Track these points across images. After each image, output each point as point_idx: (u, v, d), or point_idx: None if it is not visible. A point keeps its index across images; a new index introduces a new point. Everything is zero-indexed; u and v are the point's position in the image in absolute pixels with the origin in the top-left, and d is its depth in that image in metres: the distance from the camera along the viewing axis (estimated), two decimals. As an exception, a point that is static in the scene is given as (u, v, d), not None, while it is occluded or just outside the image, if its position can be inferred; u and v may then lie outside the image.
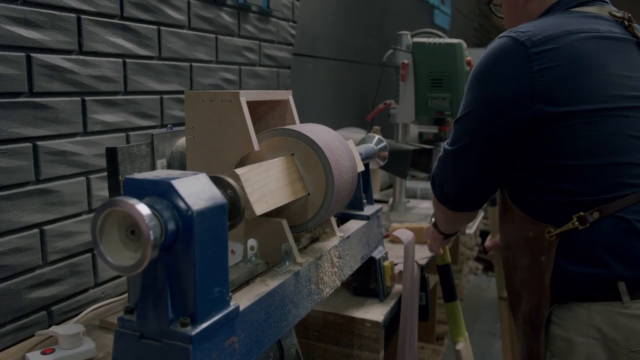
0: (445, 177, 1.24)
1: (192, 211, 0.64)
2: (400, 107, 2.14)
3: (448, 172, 1.23)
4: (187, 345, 0.66)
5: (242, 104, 0.96)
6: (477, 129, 1.14)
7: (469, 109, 1.14)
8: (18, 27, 1.17)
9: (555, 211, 1.07)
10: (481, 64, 1.14)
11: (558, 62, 1.05)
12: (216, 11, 1.81)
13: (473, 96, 1.14)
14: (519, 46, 1.08)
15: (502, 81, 1.09)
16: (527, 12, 1.27)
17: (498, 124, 1.11)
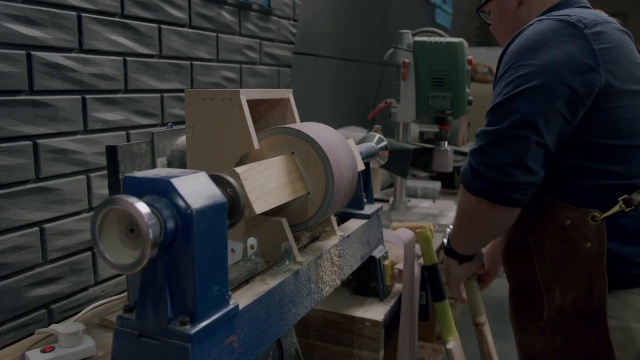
0: (493, 160, 1.07)
1: (191, 210, 0.64)
2: (401, 106, 2.13)
3: (496, 153, 1.06)
4: (186, 344, 0.66)
5: (243, 102, 0.95)
6: (543, 98, 1.05)
7: (530, 82, 1.06)
8: (18, 25, 1.16)
9: (601, 195, 1.08)
10: (532, 39, 1.09)
11: (611, 44, 1.08)
12: (217, 9, 1.80)
13: (534, 66, 1.07)
14: (572, 27, 1.08)
15: (569, 50, 1.06)
16: (518, 17, 1.30)
17: (571, 88, 1.05)
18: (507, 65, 1.11)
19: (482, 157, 1.08)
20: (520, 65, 1.08)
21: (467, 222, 1.22)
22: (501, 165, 1.05)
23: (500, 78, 1.13)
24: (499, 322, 3.34)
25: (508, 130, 1.05)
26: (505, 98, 1.07)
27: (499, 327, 3.29)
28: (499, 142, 1.06)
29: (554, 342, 1.19)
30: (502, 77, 1.12)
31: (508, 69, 1.10)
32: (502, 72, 1.12)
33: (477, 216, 1.16)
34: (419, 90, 2.09)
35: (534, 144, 1.04)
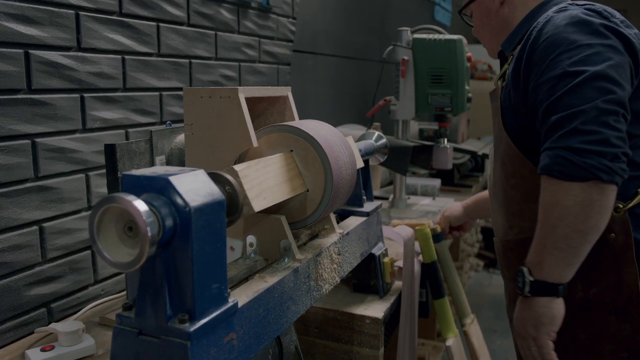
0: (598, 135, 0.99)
1: (189, 207, 0.64)
2: (400, 104, 2.13)
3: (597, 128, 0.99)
4: (185, 342, 0.66)
5: (241, 100, 0.95)
6: (621, 74, 1.04)
7: (605, 60, 1.04)
8: (16, 23, 1.16)
9: (622, 186, 1.05)
10: (575, 21, 1.09)
11: (634, 31, 1.12)
12: (215, 7, 1.80)
13: (597, 46, 1.05)
14: (599, 16, 1.10)
15: (617, 30, 1.08)
16: (501, 17, 1.31)
17: (632, 69, 1.08)
18: (554, 50, 1.07)
19: (583, 136, 0.98)
20: (579, 47, 1.05)
21: (572, 225, 1.02)
22: (608, 139, 0.98)
23: (548, 65, 1.07)
24: (499, 319, 3.35)
25: (601, 105, 1.00)
26: (584, 78, 1.01)
27: (499, 325, 3.29)
28: (596, 118, 0.99)
29: (577, 338, 1.17)
30: (552, 63, 1.07)
31: (560, 53, 1.06)
32: (551, 57, 1.07)
33: (586, 209, 1.00)
34: (419, 87, 2.09)
35: (622, 117, 1.02)
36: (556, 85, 1.04)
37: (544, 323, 1.08)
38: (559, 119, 1.02)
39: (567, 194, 1.00)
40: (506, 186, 1.24)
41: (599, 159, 0.98)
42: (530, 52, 1.12)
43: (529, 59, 1.13)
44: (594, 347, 1.16)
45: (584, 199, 0.99)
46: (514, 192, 1.22)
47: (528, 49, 1.13)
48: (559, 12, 1.14)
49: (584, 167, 0.97)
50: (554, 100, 1.03)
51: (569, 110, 1.01)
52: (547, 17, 1.14)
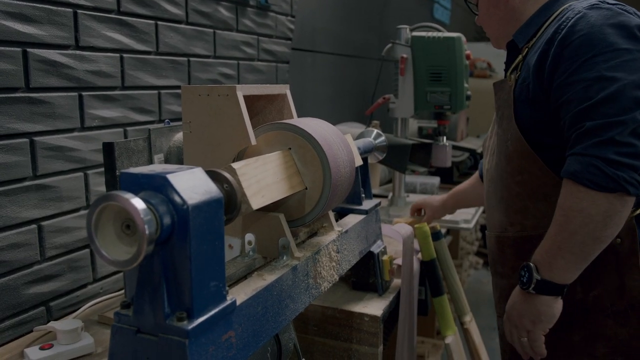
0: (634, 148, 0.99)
1: (187, 205, 0.64)
2: (399, 102, 2.13)
3: (634, 141, 0.99)
4: (184, 340, 0.66)
5: (239, 98, 0.95)
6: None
7: None
8: (14, 22, 1.16)
9: None
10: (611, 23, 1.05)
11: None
12: (214, 6, 1.80)
13: (636, 52, 1.04)
14: (637, 18, 1.08)
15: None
16: (511, 7, 1.25)
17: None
18: (589, 51, 1.04)
19: (620, 147, 0.98)
20: (616, 50, 1.02)
21: (591, 233, 1.02)
22: None
23: (582, 65, 1.04)
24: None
25: (639, 117, 0.99)
26: (622, 87, 1.00)
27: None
28: (633, 130, 0.98)
29: (571, 338, 1.18)
30: (586, 63, 1.04)
31: (596, 55, 1.03)
32: (585, 57, 1.04)
33: (607, 219, 1.01)
34: (417, 85, 2.09)
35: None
36: (590, 88, 1.02)
37: (543, 320, 1.10)
38: (595, 126, 1.00)
39: (593, 203, 1.00)
40: (510, 182, 1.21)
41: (631, 173, 0.98)
42: (559, 48, 1.08)
43: (558, 55, 1.08)
44: (587, 349, 1.17)
45: (608, 209, 1.00)
46: (520, 188, 1.19)
47: (557, 45, 1.08)
48: (592, 8, 1.08)
49: (616, 179, 0.97)
50: (591, 106, 1.01)
51: (606, 119, 0.99)
52: (578, 13, 1.08)
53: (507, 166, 1.23)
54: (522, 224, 1.21)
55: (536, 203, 1.17)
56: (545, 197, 1.16)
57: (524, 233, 1.21)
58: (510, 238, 1.24)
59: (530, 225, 1.19)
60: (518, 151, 1.19)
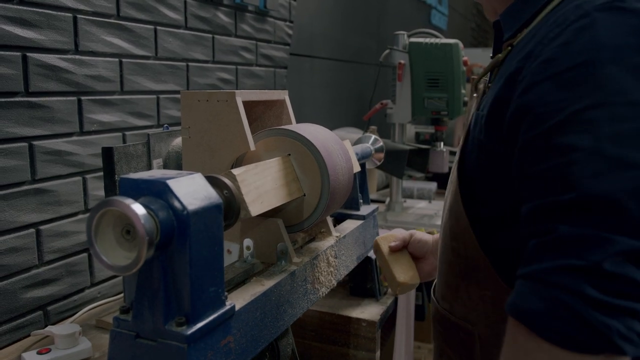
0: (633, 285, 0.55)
1: (187, 211, 0.64)
2: (396, 107, 2.14)
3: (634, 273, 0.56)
4: (183, 345, 0.66)
5: (238, 103, 0.96)
6: None
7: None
8: (14, 26, 1.16)
9: None
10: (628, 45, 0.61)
11: None
12: (213, 11, 1.81)
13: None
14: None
15: None
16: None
17: None
18: (584, 99, 0.60)
19: (608, 280, 0.55)
20: (635, 104, 0.59)
21: None
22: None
23: (565, 124, 0.61)
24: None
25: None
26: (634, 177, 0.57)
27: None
28: (633, 253, 0.56)
29: None
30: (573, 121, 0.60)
31: (594, 106, 0.60)
32: (574, 109, 0.61)
33: None
34: (415, 91, 2.10)
35: None
36: (576, 167, 0.59)
37: None
38: (573, 237, 0.57)
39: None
40: (447, 241, 0.85)
41: (628, 321, 0.55)
42: (538, 76, 0.65)
43: (532, 87, 0.65)
44: None
45: None
46: (453, 257, 0.83)
47: (535, 70, 0.65)
48: (609, 10, 0.63)
49: (604, 332, 0.55)
50: (573, 202, 0.58)
51: (595, 230, 0.57)
52: (584, 16, 0.64)
53: (447, 218, 0.85)
54: (451, 303, 0.86)
55: (467, 286, 0.81)
56: (477, 283, 0.79)
57: (451, 317, 0.85)
58: (439, 312, 0.89)
59: (458, 311, 0.84)
60: (454, 205, 0.82)
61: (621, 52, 0.61)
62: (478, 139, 0.77)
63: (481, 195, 0.78)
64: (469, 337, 0.81)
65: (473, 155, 0.79)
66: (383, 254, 1.14)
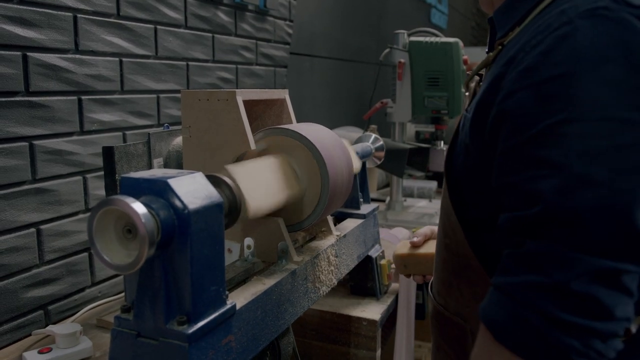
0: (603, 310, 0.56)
1: (188, 210, 0.64)
2: (397, 106, 2.14)
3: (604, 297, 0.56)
4: (184, 344, 0.66)
5: (239, 103, 0.96)
6: None
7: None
8: (14, 26, 1.16)
9: None
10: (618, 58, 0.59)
11: None
12: (213, 10, 1.81)
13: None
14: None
15: None
16: None
17: None
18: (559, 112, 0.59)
19: (572, 299, 0.56)
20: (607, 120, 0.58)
21: None
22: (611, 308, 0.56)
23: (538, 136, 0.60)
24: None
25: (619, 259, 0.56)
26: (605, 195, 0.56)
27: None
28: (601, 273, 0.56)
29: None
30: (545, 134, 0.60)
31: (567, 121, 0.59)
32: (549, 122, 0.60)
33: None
34: (415, 90, 2.10)
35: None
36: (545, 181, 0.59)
37: None
38: (540, 253, 0.59)
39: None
40: (442, 237, 0.87)
41: (588, 339, 0.56)
42: (517, 84, 0.64)
43: (510, 95, 0.64)
44: None
45: None
46: (446, 254, 0.84)
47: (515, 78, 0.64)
48: (592, 17, 0.60)
49: (561, 349, 0.56)
50: (542, 216, 0.58)
51: (563, 247, 0.57)
52: (566, 23, 0.62)
53: (441, 216, 0.88)
54: (445, 299, 0.87)
55: (459, 283, 0.82)
56: (469, 281, 0.80)
57: (445, 312, 0.86)
58: (435, 308, 0.91)
59: (452, 306, 0.85)
60: (445, 204, 0.84)
61: (600, 64, 0.59)
62: (464, 141, 0.77)
63: (468, 197, 0.78)
64: (462, 332, 0.83)
65: (460, 157, 0.79)
66: (411, 253, 1.07)
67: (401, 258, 1.08)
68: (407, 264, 1.07)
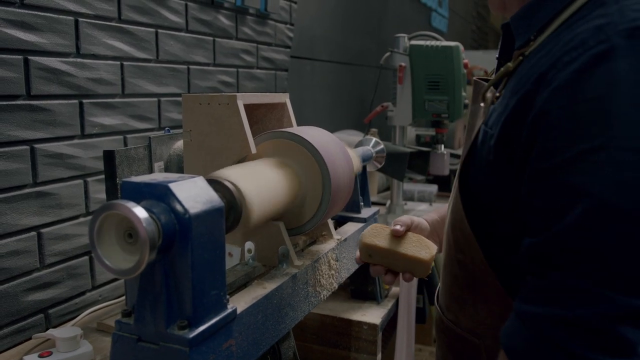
0: None
1: (189, 214, 0.65)
2: (397, 110, 2.14)
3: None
4: (185, 348, 0.66)
5: (240, 107, 0.96)
6: None
7: None
8: (16, 29, 1.17)
9: None
10: None
11: None
12: (214, 14, 1.81)
13: None
14: None
15: None
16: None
17: None
18: (596, 137, 0.56)
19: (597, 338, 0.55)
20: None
21: None
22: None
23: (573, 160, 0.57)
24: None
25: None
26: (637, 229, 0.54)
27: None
28: (628, 314, 0.54)
29: None
30: (580, 159, 0.57)
31: (601, 148, 0.56)
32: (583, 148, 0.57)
33: None
34: (415, 93, 2.10)
35: None
36: (571, 210, 0.56)
37: None
38: (564, 287, 0.57)
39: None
40: (453, 253, 0.82)
41: None
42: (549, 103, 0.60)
43: (543, 114, 0.60)
44: None
45: None
46: (459, 270, 0.81)
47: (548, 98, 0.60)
48: (631, 37, 0.57)
49: None
50: (567, 246, 0.57)
51: (588, 281, 0.55)
52: (604, 42, 0.58)
53: (450, 230, 0.83)
54: (457, 316, 0.84)
55: (474, 300, 0.79)
56: (485, 298, 0.77)
57: (457, 329, 0.83)
58: (444, 323, 0.87)
59: (464, 323, 0.82)
60: (458, 219, 0.79)
61: (638, 89, 0.55)
62: (486, 159, 0.73)
63: (488, 214, 0.74)
64: (476, 350, 0.80)
65: (480, 174, 0.75)
66: (381, 247, 0.97)
67: (368, 248, 0.99)
68: (372, 254, 0.99)
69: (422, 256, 0.95)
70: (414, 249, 0.97)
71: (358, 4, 3.23)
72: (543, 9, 0.70)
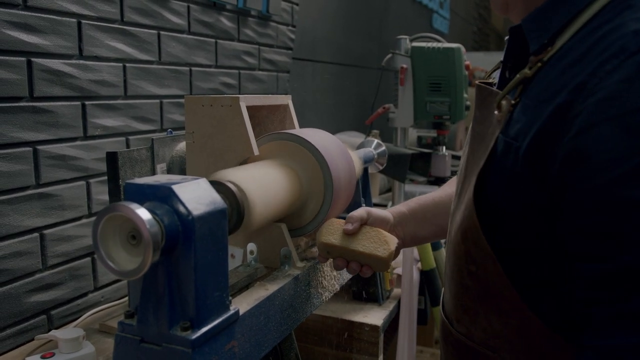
0: None
1: (192, 216, 0.65)
2: (399, 111, 2.14)
3: None
4: (188, 350, 0.66)
5: (242, 108, 0.96)
6: None
7: None
8: (19, 32, 1.17)
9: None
10: None
11: None
12: (216, 16, 1.81)
13: None
14: None
15: None
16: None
17: None
18: None
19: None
20: None
21: None
22: None
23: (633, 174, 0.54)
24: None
25: None
26: None
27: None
28: None
29: None
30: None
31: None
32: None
33: None
34: (417, 95, 2.10)
35: None
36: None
37: None
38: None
39: None
40: (463, 264, 0.77)
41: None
42: (593, 116, 0.56)
43: (588, 129, 0.57)
44: None
45: None
46: (471, 282, 0.77)
47: (589, 110, 0.57)
48: None
49: None
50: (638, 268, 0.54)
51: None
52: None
53: (460, 240, 0.77)
54: (468, 329, 0.80)
55: (487, 312, 0.76)
56: (499, 309, 0.73)
57: (468, 342, 0.79)
58: (453, 335, 0.83)
59: (477, 337, 0.78)
60: (472, 230, 0.73)
61: None
62: (511, 170, 0.67)
63: (508, 227, 0.70)
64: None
65: (500, 186, 0.70)
66: (336, 245, 0.95)
67: (324, 246, 0.97)
68: (330, 251, 0.97)
69: (380, 253, 0.93)
70: (371, 245, 0.94)
71: (359, 6, 3.24)
72: (560, 12, 0.66)
